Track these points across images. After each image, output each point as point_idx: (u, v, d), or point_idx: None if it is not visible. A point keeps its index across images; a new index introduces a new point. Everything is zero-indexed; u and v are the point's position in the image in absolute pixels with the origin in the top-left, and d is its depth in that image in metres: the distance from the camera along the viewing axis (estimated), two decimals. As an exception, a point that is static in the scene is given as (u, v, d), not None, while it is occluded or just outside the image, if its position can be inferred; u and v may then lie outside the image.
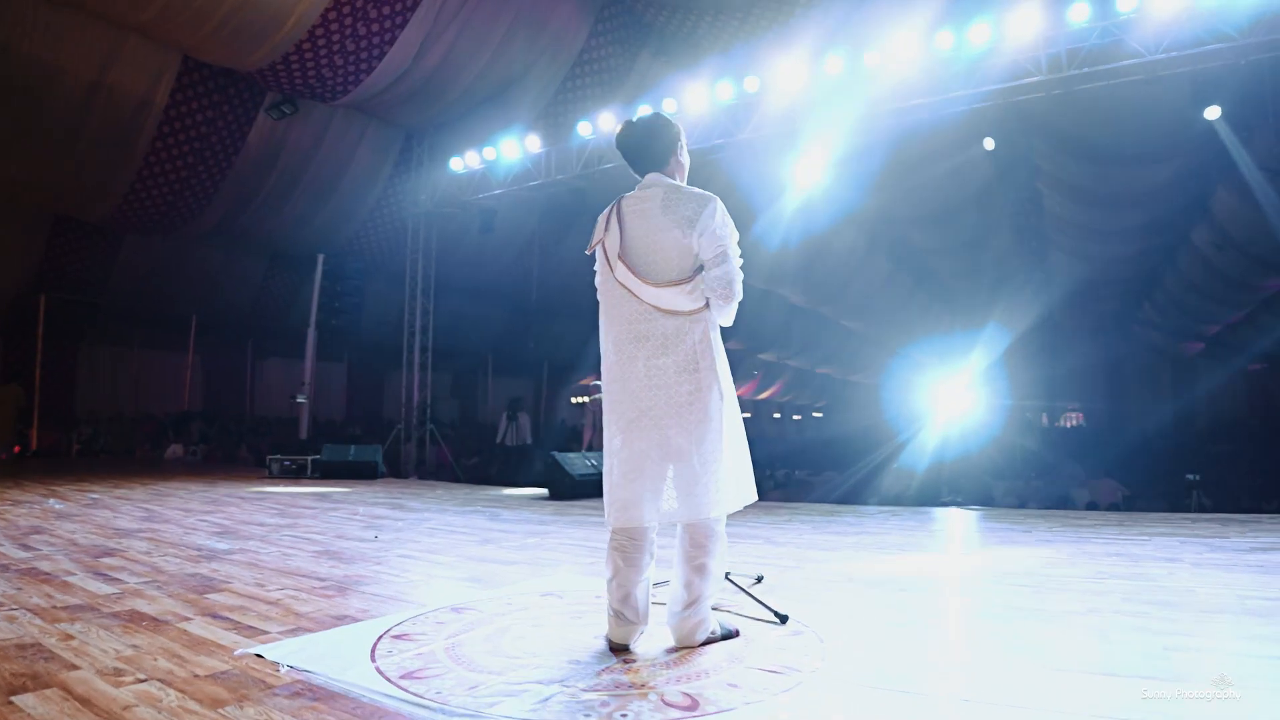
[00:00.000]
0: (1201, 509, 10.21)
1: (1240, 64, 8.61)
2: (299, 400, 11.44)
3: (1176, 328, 24.49)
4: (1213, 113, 9.38)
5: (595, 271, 2.86)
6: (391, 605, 3.22)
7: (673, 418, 2.58)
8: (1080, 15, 8.76)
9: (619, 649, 2.60)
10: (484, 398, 20.96)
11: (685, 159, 2.86)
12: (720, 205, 2.65)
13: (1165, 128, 12.94)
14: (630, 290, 2.65)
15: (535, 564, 4.20)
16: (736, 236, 2.68)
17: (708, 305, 2.66)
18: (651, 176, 2.76)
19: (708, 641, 2.66)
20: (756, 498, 2.76)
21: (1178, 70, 8.82)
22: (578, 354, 21.99)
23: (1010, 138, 13.91)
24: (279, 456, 10.06)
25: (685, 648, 2.61)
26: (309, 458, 9.98)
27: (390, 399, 17.59)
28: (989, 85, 9.42)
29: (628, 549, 2.63)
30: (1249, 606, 3.18)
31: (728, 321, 2.75)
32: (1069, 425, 29.30)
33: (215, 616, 2.97)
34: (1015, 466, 15.91)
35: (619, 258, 2.66)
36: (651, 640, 2.68)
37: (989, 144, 10.23)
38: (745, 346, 24.26)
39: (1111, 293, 23.78)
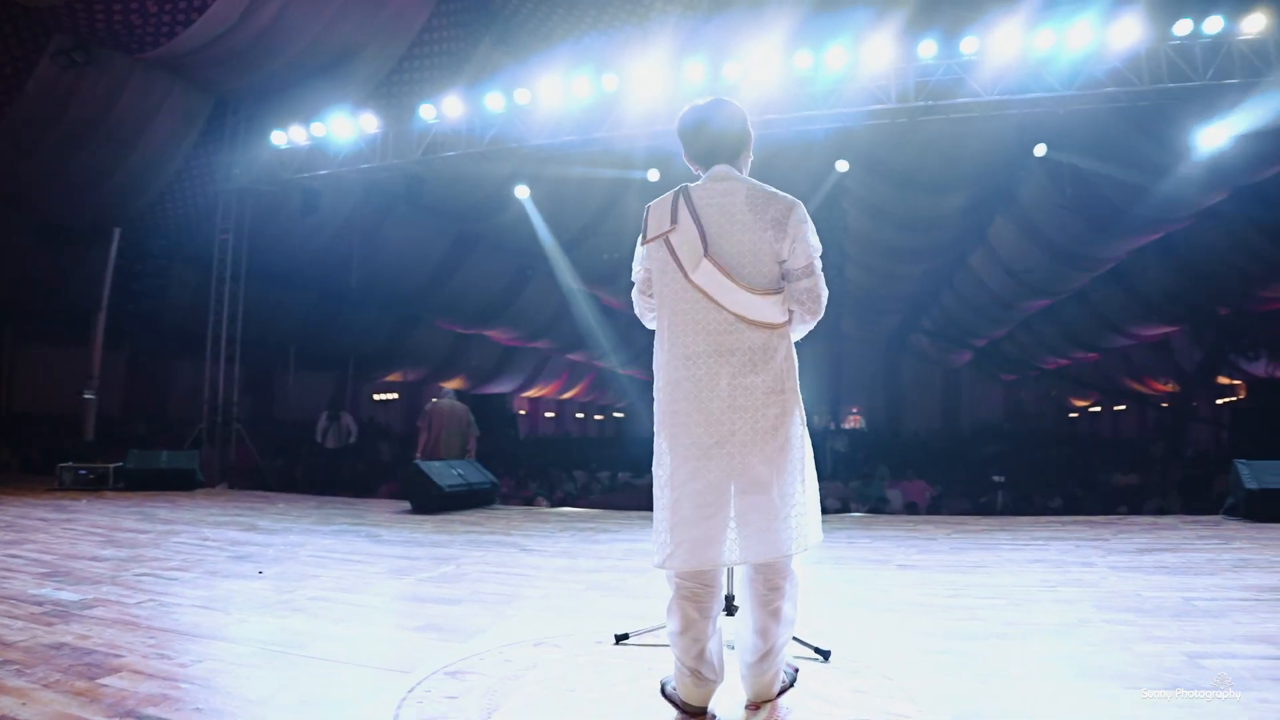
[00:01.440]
0: (1005, 509, 11.26)
1: (1059, 112, 9.58)
2: (86, 396, 9.80)
3: (949, 340, 27.22)
4: (1040, 150, 10.38)
5: (643, 269, 2.52)
6: (364, 674, 2.66)
7: (755, 444, 2.26)
8: (928, 51, 9.34)
9: (696, 712, 2.28)
10: (283, 393, 19.24)
11: (751, 154, 2.58)
12: (805, 210, 2.40)
13: (966, 161, 14.23)
14: (709, 295, 2.30)
15: (482, 601, 3.72)
16: (821, 247, 2.47)
17: (789, 319, 2.41)
18: (723, 169, 2.43)
19: (781, 691, 2.43)
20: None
21: (1007, 113, 9.68)
22: (387, 347, 20.79)
23: (827, 157, 14.74)
24: (72, 464, 8.51)
25: (764, 702, 2.35)
26: (110, 465, 8.53)
27: (178, 394, 15.66)
28: (843, 108, 9.83)
29: (701, 597, 2.29)
30: (1201, 608, 3.42)
31: (798, 337, 2.53)
32: (848, 428, 31.63)
33: (139, 718, 2.25)
34: (829, 468, 16.87)
35: (705, 257, 2.30)
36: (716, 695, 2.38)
37: (842, 166, 10.69)
38: (554, 346, 24.02)
39: (896, 307, 25.90)
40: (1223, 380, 17.42)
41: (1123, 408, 26.54)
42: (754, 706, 2.34)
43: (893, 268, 21.73)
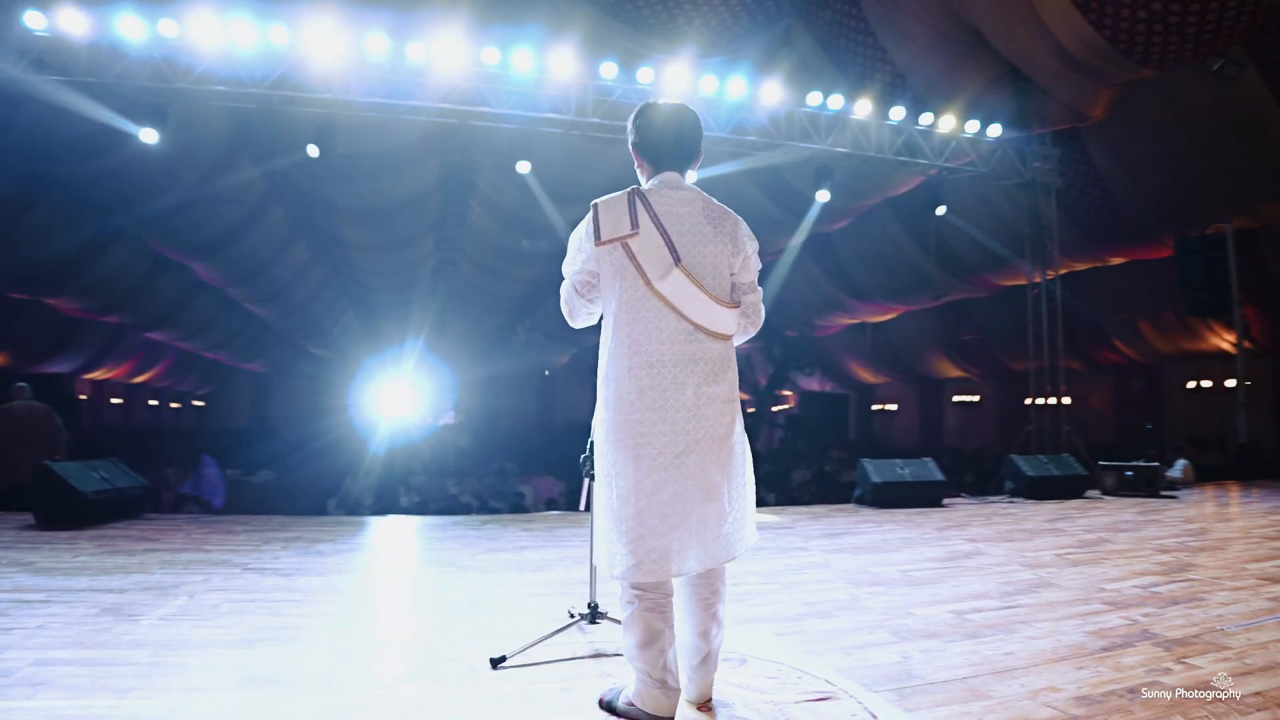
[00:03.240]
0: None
1: (712, 150, 10.85)
2: None
3: (549, 343, 28.76)
4: (524, 167, 11.02)
5: (586, 270, 2.39)
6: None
7: (713, 453, 2.31)
8: (610, 73, 9.93)
9: None
10: None
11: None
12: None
13: (608, 178, 15.32)
14: (672, 304, 2.29)
15: (278, 640, 3.17)
16: None
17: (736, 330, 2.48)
18: (674, 176, 2.43)
19: None
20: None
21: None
22: None
23: (465, 150, 14.84)
24: None
25: (706, 701, 2.40)
26: None
27: None
28: (525, 111, 10.00)
29: (664, 607, 2.29)
30: (919, 578, 4.29)
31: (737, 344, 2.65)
32: (446, 424, 31.69)
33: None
34: (455, 465, 16.82)
35: (678, 266, 2.28)
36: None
37: (523, 167, 10.73)
38: (133, 322, 20.52)
39: (502, 307, 26.69)
40: (783, 392, 21.11)
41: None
42: (701, 707, 2.39)
43: (507, 269, 22.37)
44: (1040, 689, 2.56)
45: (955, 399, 20.70)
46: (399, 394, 21.27)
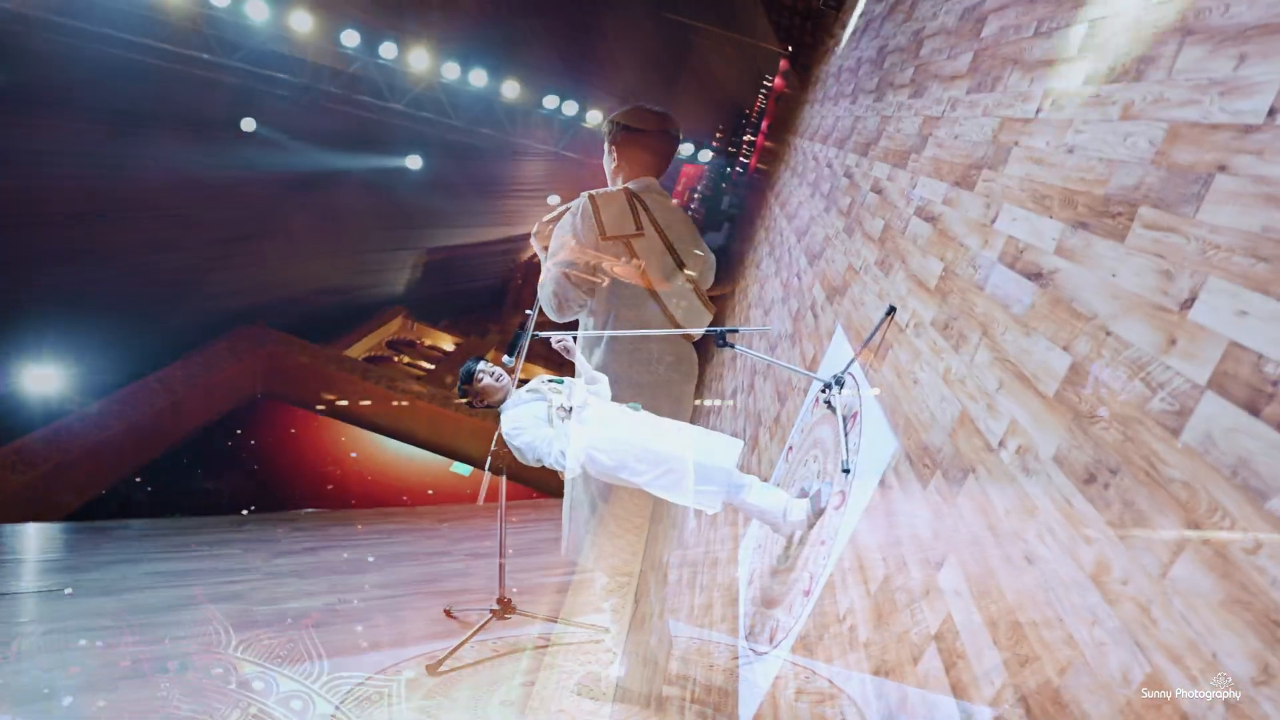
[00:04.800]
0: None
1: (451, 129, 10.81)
2: None
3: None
4: (248, 124, 10.29)
5: (588, 255, 2.43)
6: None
7: (688, 445, 2.55)
8: (351, 40, 9.42)
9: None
10: None
11: None
12: None
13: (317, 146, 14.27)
14: (665, 304, 2.47)
15: (144, 676, 2.88)
16: None
17: None
18: (654, 182, 2.55)
19: None
20: None
21: (393, 121, 10.41)
22: None
23: (154, 101, 13.12)
24: None
25: None
26: None
27: None
28: (250, 65, 9.22)
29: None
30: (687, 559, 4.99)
31: None
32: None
33: None
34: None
35: (681, 269, 2.47)
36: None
37: (248, 125, 9.55)
38: None
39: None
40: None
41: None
42: None
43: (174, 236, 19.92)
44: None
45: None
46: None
